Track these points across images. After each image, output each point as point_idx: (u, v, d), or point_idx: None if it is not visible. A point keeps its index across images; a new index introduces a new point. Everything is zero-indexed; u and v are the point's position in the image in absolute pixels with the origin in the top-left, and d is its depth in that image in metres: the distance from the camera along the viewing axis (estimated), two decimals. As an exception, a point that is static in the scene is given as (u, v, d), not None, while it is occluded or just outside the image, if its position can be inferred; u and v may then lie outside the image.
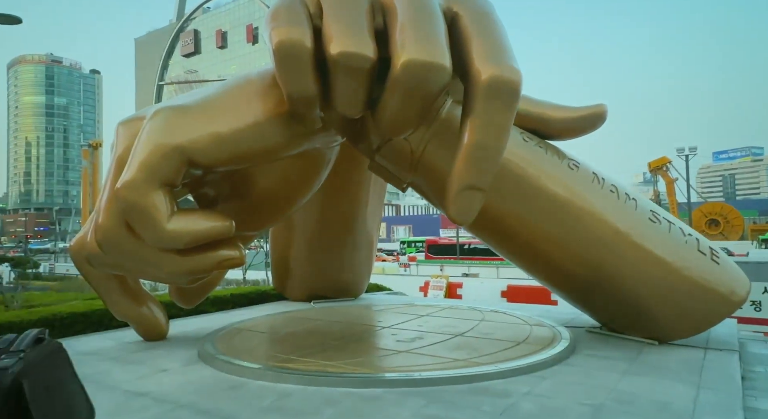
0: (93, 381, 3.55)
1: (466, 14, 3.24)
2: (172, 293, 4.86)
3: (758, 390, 3.73)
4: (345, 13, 3.06)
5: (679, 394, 3.05)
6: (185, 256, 3.59)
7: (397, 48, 2.90)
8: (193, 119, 3.38)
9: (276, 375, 3.46)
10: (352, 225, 6.49)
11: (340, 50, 2.85)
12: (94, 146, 19.72)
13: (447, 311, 5.99)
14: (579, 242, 4.13)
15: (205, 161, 3.36)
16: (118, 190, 3.24)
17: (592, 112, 4.48)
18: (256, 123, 3.40)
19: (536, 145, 4.31)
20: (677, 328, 4.24)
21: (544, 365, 3.66)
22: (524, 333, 4.68)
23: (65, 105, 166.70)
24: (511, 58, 3.05)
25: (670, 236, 4.16)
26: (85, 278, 4.47)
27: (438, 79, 2.88)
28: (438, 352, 4.00)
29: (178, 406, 3.00)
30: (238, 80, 3.73)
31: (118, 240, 3.54)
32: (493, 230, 4.52)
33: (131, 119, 3.89)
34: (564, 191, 4.10)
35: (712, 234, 48.69)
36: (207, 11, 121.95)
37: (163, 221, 3.28)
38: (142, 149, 3.30)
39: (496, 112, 2.95)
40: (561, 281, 4.63)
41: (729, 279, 4.15)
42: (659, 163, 50.35)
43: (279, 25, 3.01)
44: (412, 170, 4.16)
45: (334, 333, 4.86)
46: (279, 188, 4.39)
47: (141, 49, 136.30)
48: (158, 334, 4.86)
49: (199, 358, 4.13)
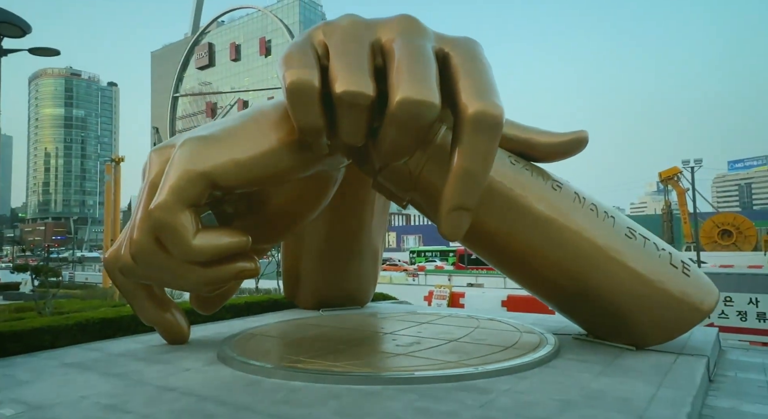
0: (128, 378, 4.06)
1: (455, 54, 3.74)
2: (192, 301, 5.37)
3: (722, 391, 4.12)
4: (348, 55, 3.58)
5: (640, 392, 3.45)
6: (207, 268, 4.10)
7: (393, 87, 3.40)
8: (215, 148, 3.91)
9: (287, 374, 3.93)
10: (358, 238, 6.96)
11: (344, 89, 3.37)
12: (116, 161, 20.49)
13: (446, 320, 6.41)
14: (562, 256, 4.54)
15: (226, 184, 3.88)
16: (152, 210, 3.76)
17: (574, 137, 4.91)
18: (270, 150, 3.92)
19: (523, 167, 4.75)
20: (652, 335, 4.62)
21: (526, 367, 4.08)
22: (514, 338, 5.09)
23: (83, 117, 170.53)
24: (495, 95, 3.54)
25: (645, 251, 4.56)
26: (116, 287, 5.00)
27: (428, 115, 3.37)
28: (432, 355, 4.43)
29: (203, 399, 3.48)
30: (254, 112, 4.27)
31: (149, 254, 4.04)
32: (485, 245, 4.96)
33: (162, 147, 4.44)
34: (548, 210, 4.53)
35: (724, 245, 48.13)
36: (221, 25, 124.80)
37: (189, 238, 3.79)
38: (172, 175, 3.83)
39: (480, 142, 3.43)
40: (548, 292, 5.04)
41: (699, 290, 4.53)
42: (670, 173, 50.15)
43: (291, 67, 3.55)
44: (410, 189, 4.65)
45: (340, 338, 5.31)
46: (291, 205, 4.90)
47: (157, 62, 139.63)
48: (181, 338, 5.36)
49: (218, 359, 4.62)
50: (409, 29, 3.77)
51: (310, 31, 4.03)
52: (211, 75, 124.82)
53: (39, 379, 4.08)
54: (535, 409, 3.16)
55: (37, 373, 4.27)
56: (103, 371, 4.31)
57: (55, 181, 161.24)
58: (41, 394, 3.65)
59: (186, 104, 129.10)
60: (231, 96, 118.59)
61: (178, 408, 3.28)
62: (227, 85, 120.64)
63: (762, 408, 3.59)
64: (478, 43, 4.01)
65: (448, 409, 3.18)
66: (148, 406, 3.35)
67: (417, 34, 3.76)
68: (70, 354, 4.98)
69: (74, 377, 4.13)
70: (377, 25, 3.85)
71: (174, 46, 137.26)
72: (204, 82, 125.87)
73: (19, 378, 4.13)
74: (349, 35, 3.75)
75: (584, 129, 5.00)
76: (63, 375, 4.22)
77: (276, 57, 51.14)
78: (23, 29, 7.61)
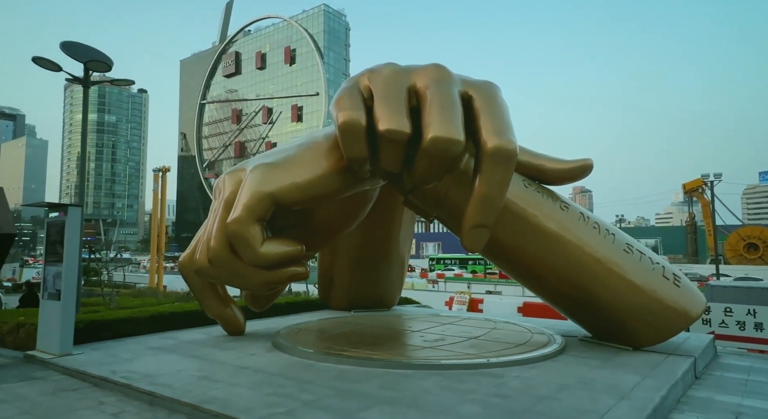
0: (206, 359, 4.99)
1: (478, 97, 4.59)
2: (247, 300, 6.30)
3: (703, 386, 4.84)
4: (389, 99, 4.47)
5: (627, 381, 4.20)
6: (269, 271, 5.02)
7: (426, 126, 4.27)
8: (280, 173, 4.84)
9: (336, 359, 4.80)
10: (387, 247, 7.82)
11: (386, 128, 4.26)
12: (164, 171, 21.88)
13: (466, 321, 7.20)
14: (568, 268, 5.29)
15: (287, 203, 4.80)
16: (228, 224, 4.70)
17: (581, 165, 5.68)
18: (323, 175, 4.84)
19: (535, 189, 5.53)
20: (646, 337, 5.33)
21: (534, 360, 4.86)
22: (526, 338, 5.86)
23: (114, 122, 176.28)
24: (510, 132, 4.37)
25: (641, 265, 5.29)
26: (189, 286, 5.96)
27: (454, 150, 4.22)
28: (454, 349, 5.25)
29: (272, 375, 4.37)
30: (308, 142, 5.19)
31: (224, 259, 4.97)
32: (501, 257, 5.75)
33: (234, 171, 5.39)
34: (556, 227, 5.30)
35: (750, 258, 47.34)
36: (248, 34, 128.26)
37: (258, 247, 4.72)
38: (245, 194, 4.77)
39: (497, 172, 4.26)
40: (555, 298, 5.79)
41: (687, 300, 5.23)
42: (694, 185, 49.68)
43: (342, 109, 4.46)
44: (437, 207, 5.49)
45: (375, 333, 6.16)
46: (333, 219, 5.82)
47: (186, 70, 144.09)
48: (239, 330, 6.29)
49: (275, 347, 5.52)
50: (439, 77, 4.63)
51: (357, 77, 4.94)
52: (237, 83, 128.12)
53: (137, 357, 5.05)
54: (538, 389, 3.95)
55: (132, 353, 5.25)
56: (184, 353, 5.26)
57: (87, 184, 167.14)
58: (145, 367, 4.61)
59: (212, 111, 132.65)
60: (256, 103, 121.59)
61: (256, 381, 4.18)
62: (252, 93, 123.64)
63: (730, 398, 4.31)
64: (497, 86, 4.87)
65: (468, 388, 4.00)
66: (231, 378, 4.26)
67: (446, 80, 4.61)
68: (151, 341, 5.95)
69: (163, 357, 5.09)
70: (413, 73, 4.73)
71: (202, 54, 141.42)
72: (230, 89, 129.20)
73: (121, 356, 5.11)
74: (389, 82, 4.64)
75: (589, 157, 5.77)
76: (153, 355, 5.19)
77: (300, 65, 53.68)
78: (109, 65, 8.78)
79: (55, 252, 5.29)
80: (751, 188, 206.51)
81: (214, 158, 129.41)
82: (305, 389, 3.91)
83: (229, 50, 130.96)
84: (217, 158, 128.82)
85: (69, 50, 8.33)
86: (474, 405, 3.53)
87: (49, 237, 5.42)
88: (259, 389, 3.92)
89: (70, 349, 5.17)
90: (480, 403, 3.58)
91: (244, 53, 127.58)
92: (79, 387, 4.31)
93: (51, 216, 5.46)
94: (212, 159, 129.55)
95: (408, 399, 3.66)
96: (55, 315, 5.15)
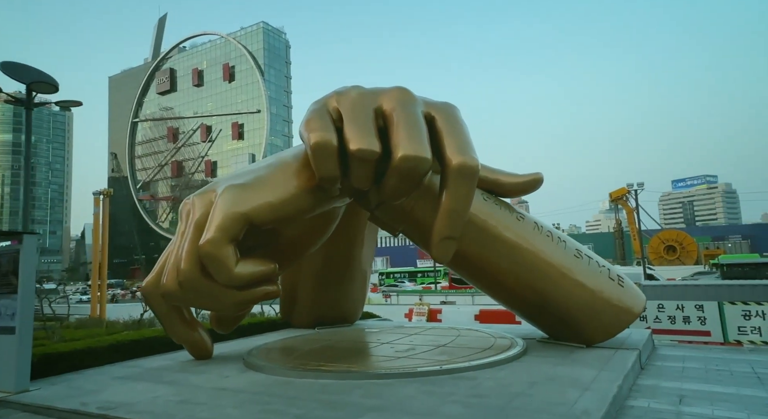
0: (180, 384, 4.89)
1: (440, 117, 4.94)
2: (213, 322, 6.21)
3: (648, 374, 5.39)
4: (358, 120, 4.71)
5: (586, 374, 4.62)
6: (242, 291, 5.04)
7: (395, 146, 4.53)
8: (252, 193, 4.91)
9: (314, 374, 4.87)
10: (351, 264, 7.97)
11: (357, 148, 4.48)
12: (105, 195, 20.52)
13: (431, 331, 7.48)
14: (526, 274, 5.72)
15: (260, 222, 4.87)
16: (202, 245, 4.70)
17: (533, 178, 6.18)
18: (295, 194, 4.96)
19: (493, 202, 5.95)
20: (596, 334, 5.85)
21: (502, 362, 5.19)
22: (490, 342, 6.21)
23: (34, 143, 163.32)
24: (472, 150, 4.73)
25: (589, 268, 5.82)
26: (153, 311, 5.80)
27: (423, 167, 4.51)
28: (427, 357, 5.48)
29: (255, 394, 4.38)
30: (278, 162, 5.30)
31: (195, 281, 4.93)
32: (465, 266, 6.09)
33: (203, 193, 5.37)
34: (514, 237, 5.72)
35: (669, 259, 51.87)
36: (183, 50, 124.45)
37: (233, 267, 4.75)
38: (217, 215, 4.79)
39: (462, 187, 4.59)
40: (515, 302, 6.21)
41: (630, 298, 5.82)
42: (619, 193, 53.88)
43: (313, 130, 4.64)
44: (403, 222, 5.76)
45: (346, 347, 6.26)
46: (301, 237, 5.92)
47: (115, 86, 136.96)
48: (206, 353, 6.17)
49: (248, 368, 5.48)
50: (404, 99, 4.93)
51: (325, 99, 5.14)
52: (173, 100, 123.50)
53: (105, 388, 4.85)
54: (511, 387, 4.26)
55: (97, 384, 5.02)
56: (154, 380, 5.10)
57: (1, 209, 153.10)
58: (116, 397, 4.44)
59: (146, 130, 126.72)
60: (193, 121, 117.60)
61: (239, 400, 4.18)
62: (190, 110, 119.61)
63: (672, 384, 4.87)
64: (456, 107, 5.26)
65: (447, 391, 4.23)
66: (213, 400, 4.23)
67: (410, 102, 4.93)
68: (113, 371, 5.70)
69: (133, 385, 4.92)
70: (379, 95, 5.00)
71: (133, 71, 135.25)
72: (165, 107, 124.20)
73: (86, 388, 4.88)
74: (357, 104, 4.88)
75: (540, 171, 6.30)
76: (122, 384, 5.00)
77: (240, 82, 53.67)
78: (55, 86, 8.30)
79: (8, 283, 4.99)
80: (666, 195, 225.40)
81: (149, 179, 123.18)
82: (292, 404, 3.97)
83: (163, 67, 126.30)
84: (153, 178, 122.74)
85: (9, 71, 7.84)
86: (456, 406, 3.77)
87: (0, 267, 5.11)
88: (246, 407, 3.94)
89: (27, 385, 4.87)
90: (461, 403, 3.82)
91: (179, 70, 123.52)
92: (46, 422, 4.09)
93: (1, 246, 5.15)
94: (147, 180, 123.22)
95: (394, 405, 3.83)
96: (9, 350, 4.84)
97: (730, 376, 5.28)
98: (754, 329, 9.07)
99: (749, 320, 9.15)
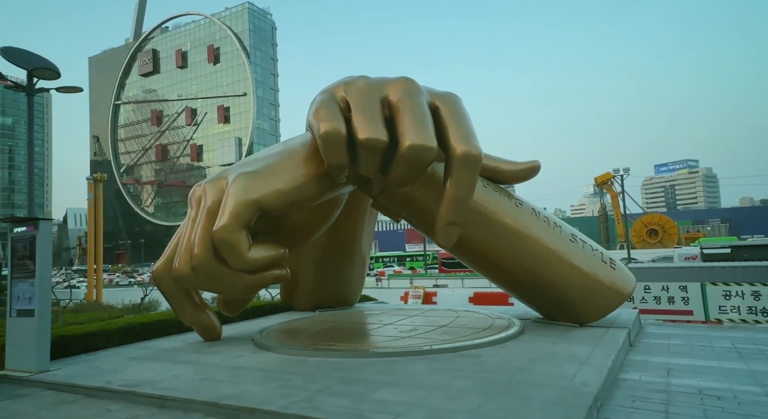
0: (197, 363, 5.09)
1: (444, 107, 5.12)
2: (220, 305, 6.40)
3: (638, 350, 5.75)
4: (366, 109, 4.87)
5: (582, 351, 4.94)
6: (253, 275, 5.23)
7: (402, 135, 4.71)
8: (263, 181, 5.07)
9: (325, 353, 5.12)
10: (351, 248, 8.19)
11: (365, 137, 4.65)
12: (98, 180, 20.20)
13: (430, 313, 7.77)
14: (524, 257, 6.00)
15: (271, 209, 5.05)
16: (216, 231, 4.86)
17: (531, 166, 6.42)
18: (304, 181, 5.13)
19: (493, 189, 6.18)
20: (589, 314, 6.19)
21: (503, 340, 5.49)
22: (489, 323, 6.51)
23: (11, 125, 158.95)
24: (475, 139, 4.94)
25: (584, 252, 6.12)
26: (163, 294, 5.95)
27: (429, 155, 4.71)
28: (430, 336, 5.76)
29: (272, 371, 4.60)
30: (287, 151, 5.44)
31: (209, 265, 5.11)
32: (466, 251, 6.34)
33: (215, 180, 5.50)
34: (512, 222, 5.98)
35: (651, 243, 53.18)
36: (166, 31, 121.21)
37: (245, 252, 4.93)
38: (230, 202, 4.95)
39: (466, 174, 4.81)
40: (514, 286, 6.50)
41: (621, 280, 6.14)
42: (604, 178, 54.76)
43: (322, 120, 4.79)
44: (406, 207, 5.97)
45: (351, 328, 6.51)
46: (306, 223, 6.10)
47: (95, 68, 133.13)
48: (215, 335, 6.37)
49: (258, 348, 5.70)
50: (410, 89, 5.09)
51: (332, 88, 5.28)
52: (156, 82, 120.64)
53: (124, 368, 5.03)
54: (514, 363, 4.56)
55: (115, 364, 5.20)
56: (170, 360, 5.30)
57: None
58: (138, 375, 4.64)
59: (129, 112, 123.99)
60: (178, 104, 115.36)
61: (259, 377, 4.40)
62: (174, 93, 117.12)
63: (660, 359, 5.24)
64: (459, 96, 5.43)
65: (454, 367, 4.51)
66: (233, 377, 4.45)
67: (416, 92, 5.09)
68: (127, 352, 5.88)
69: (151, 365, 5.11)
70: (385, 85, 5.16)
71: (114, 51, 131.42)
72: (148, 89, 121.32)
73: (105, 368, 5.06)
74: (364, 94, 5.03)
75: (537, 159, 6.54)
76: (140, 364, 5.19)
77: (225, 64, 52.60)
78: (57, 72, 8.19)
79: (25, 267, 5.10)
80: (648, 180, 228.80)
81: (132, 162, 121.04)
82: (311, 380, 4.21)
83: (145, 48, 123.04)
84: (136, 162, 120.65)
85: (11, 57, 7.72)
86: (466, 380, 4.05)
87: (16, 252, 5.21)
88: (266, 384, 4.16)
89: (47, 365, 5.03)
90: (470, 378, 4.10)
91: (162, 51, 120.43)
92: (73, 399, 4.27)
93: (16, 231, 5.25)
94: (131, 163, 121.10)
95: (407, 381, 4.10)
96: (29, 332, 4.99)
97: (713, 351, 5.67)
98: (734, 308, 9.59)
99: (729, 299, 9.66)
